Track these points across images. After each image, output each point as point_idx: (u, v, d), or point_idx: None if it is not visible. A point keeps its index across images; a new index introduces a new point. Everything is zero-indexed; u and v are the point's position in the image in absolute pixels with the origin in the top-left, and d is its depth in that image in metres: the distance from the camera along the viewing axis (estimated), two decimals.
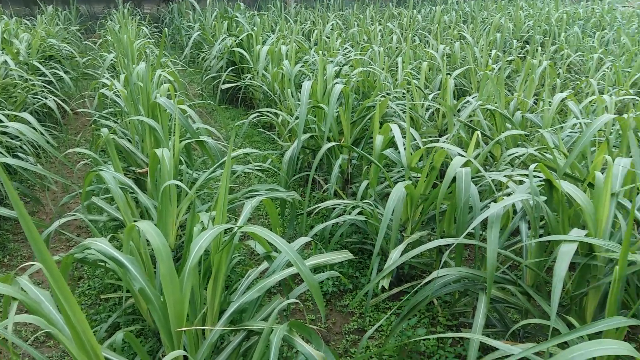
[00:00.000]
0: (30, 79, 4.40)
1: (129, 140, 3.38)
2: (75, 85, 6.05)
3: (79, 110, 5.41)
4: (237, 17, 7.61)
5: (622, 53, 6.25)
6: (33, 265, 1.55)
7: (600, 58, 5.57)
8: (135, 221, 2.34)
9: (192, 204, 1.90)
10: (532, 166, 1.83)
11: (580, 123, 3.03)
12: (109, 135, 2.74)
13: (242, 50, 5.99)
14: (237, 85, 5.81)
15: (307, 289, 1.83)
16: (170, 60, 5.60)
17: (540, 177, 2.02)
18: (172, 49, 9.98)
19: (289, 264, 1.77)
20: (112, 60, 5.37)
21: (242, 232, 1.78)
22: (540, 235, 2.01)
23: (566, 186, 1.79)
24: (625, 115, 2.67)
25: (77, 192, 2.73)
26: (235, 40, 6.26)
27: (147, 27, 8.72)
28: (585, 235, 1.65)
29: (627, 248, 1.39)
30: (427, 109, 4.13)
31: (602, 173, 1.81)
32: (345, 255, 1.86)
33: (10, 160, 2.80)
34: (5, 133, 3.45)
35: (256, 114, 4.30)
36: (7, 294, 1.29)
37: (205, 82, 6.61)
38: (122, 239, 1.90)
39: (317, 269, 2.43)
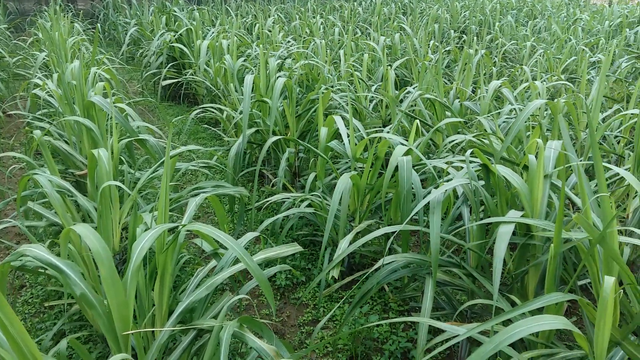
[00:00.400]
0: None
1: (66, 142, 3.24)
2: (6, 86, 5.73)
3: (11, 112, 5.12)
4: (175, 11, 7.42)
5: (553, 40, 6.56)
6: None
7: (532, 46, 5.83)
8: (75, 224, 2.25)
9: (134, 204, 1.85)
10: (469, 152, 1.90)
11: (514, 109, 3.16)
12: (42, 137, 2.61)
13: (181, 46, 5.85)
14: (179, 81, 5.68)
15: (258, 284, 1.83)
16: (107, 58, 5.39)
17: (478, 162, 2.10)
18: (109, 46, 9.61)
19: (237, 260, 1.76)
20: (44, 59, 5.12)
21: (188, 231, 1.75)
22: (481, 219, 2.09)
23: (502, 170, 1.86)
24: (555, 100, 2.81)
25: (11, 198, 2.59)
26: (174, 36, 6.11)
27: (80, 24, 8.36)
28: (521, 216, 1.73)
29: (561, 227, 1.47)
30: (370, 100, 4.19)
31: (536, 156, 1.90)
32: (294, 248, 1.87)
33: None
34: None
35: (199, 110, 4.22)
36: None
37: (145, 79, 6.42)
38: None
39: (267, 263, 2.43)
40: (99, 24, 6.56)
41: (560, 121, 2.27)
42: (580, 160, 2.69)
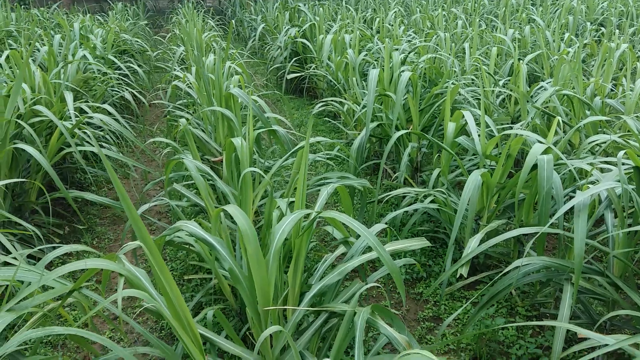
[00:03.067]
0: (107, 73, 4.65)
1: (203, 130, 3.51)
2: (148, 78, 6.33)
3: (153, 102, 5.66)
4: (299, 7, 7.67)
5: None
6: (127, 245, 1.65)
7: None
8: (215, 207, 2.44)
9: (270, 190, 1.96)
10: (621, 153, 1.75)
11: None
12: (187, 125, 2.86)
13: (305, 41, 6.04)
14: (301, 76, 5.87)
15: (382, 275, 1.85)
16: (237, 52, 5.74)
17: (628, 165, 1.93)
18: (236, 41, 10.21)
19: (366, 250, 1.80)
20: (182, 53, 5.58)
21: (319, 218, 1.82)
22: (629, 225, 1.92)
23: None
24: None
25: (158, 179, 2.87)
26: (298, 31, 6.32)
27: (211, 20, 8.97)
28: None
29: None
30: (497, 96, 4.01)
31: None
32: (422, 242, 1.86)
33: (95, 149, 2.99)
34: (89, 123, 3.68)
35: (322, 104, 4.34)
36: (115, 270, 1.39)
37: (270, 72, 6.73)
38: (205, 224, 1.99)
39: (393, 256, 2.44)
40: (233, 20, 6.99)
41: None
42: None
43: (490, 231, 2.26)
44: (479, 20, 7.28)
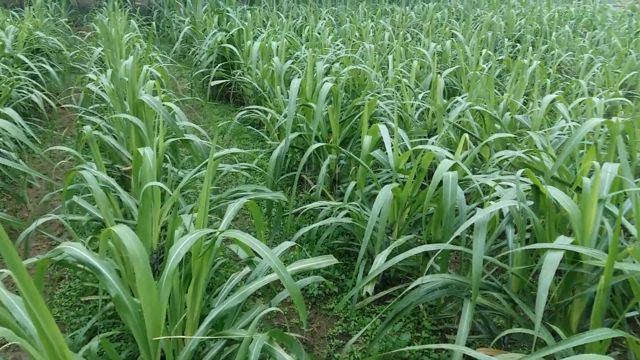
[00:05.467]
0: (15, 73, 4.31)
1: (115, 137, 3.32)
2: (62, 79, 5.96)
3: (65, 105, 5.32)
4: (228, 11, 7.53)
5: (612, 53, 6.26)
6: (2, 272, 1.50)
7: (590, 58, 5.58)
8: (117, 222, 2.29)
9: (174, 206, 1.86)
10: (519, 172, 1.81)
11: (568, 126, 3.01)
12: (91, 133, 2.68)
13: (232, 46, 5.92)
14: (227, 82, 5.75)
15: (289, 295, 1.80)
16: (160, 55, 5.53)
17: (528, 182, 2.00)
18: (163, 42, 9.87)
19: (272, 270, 1.74)
20: (99, 54, 5.29)
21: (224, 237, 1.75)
22: (527, 240, 1.99)
23: (553, 192, 1.77)
24: (614, 119, 2.66)
25: (57, 191, 2.68)
26: (225, 36, 6.20)
27: (137, 20, 8.62)
28: (571, 243, 1.63)
29: (614, 258, 1.37)
30: (417, 109, 4.10)
31: (590, 177, 1.79)
32: (329, 260, 1.83)
33: None
34: None
35: (244, 112, 4.25)
36: None
37: (194, 77, 6.54)
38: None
39: (301, 273, 2.40)
40: (154, 22, 6.74)
41: (619, 142, 2.14)
42: (637, 183, 2.53)
43: (401, 245, 2.28)
44: (405, 33, 7.47)
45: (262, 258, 1.80)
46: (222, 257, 2.35)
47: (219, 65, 5.92)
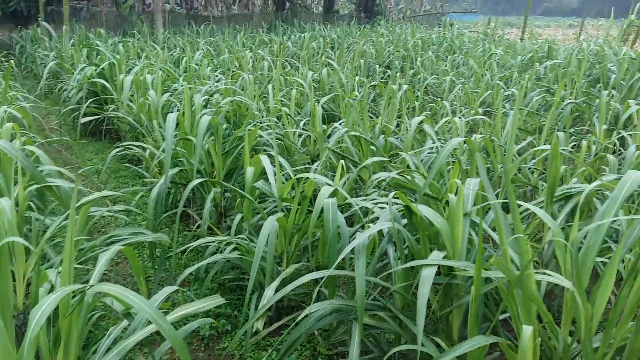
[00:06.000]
0: None
1: None
2: None
3: None
4: (97, 45, 7.17)
5: (470, 75, 6.92)
6: None
7: (452, 80, 6.11)
8: None
9: (37, 262, 1.69)
10: (391, 194, 1.90)
11: (435, 145, 3.25)
12: None
13: (103, 81, 5.63)
14: (99, 118, 5.43)
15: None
16: (21, 94, 5.08)
17: (401, 203, 2.11)
18: (27, 79, 9.11)
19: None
20: None
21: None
22: (406, 256, 2.09)
23: (423, 210, 1.88)
24: (474, 136, 2.92)
25: None
26: (95, 70, 5.87)
27: None
28: (444, 257, 1.74)
29: (480, 271, 1.48)
30: (299, 136, 4.18)
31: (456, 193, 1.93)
32: (216, 301, 1.77)
33: None
34: None
35: (119, 149, 4.04)
36: None
37: (63, 114, 6.10)
38: None
39: (187, 318, 2.29)
40: (12, 60, 6.21)
41: (477, 159, 2.34)
42: (498, 194, 2.79)
43: (292, 273, 2.28)
44: (284, 62, 7.64)
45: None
46: (99, 311, 2.17)
47: (90, 100, 5.58)
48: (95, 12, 15.21)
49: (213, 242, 2.60)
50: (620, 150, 3.99)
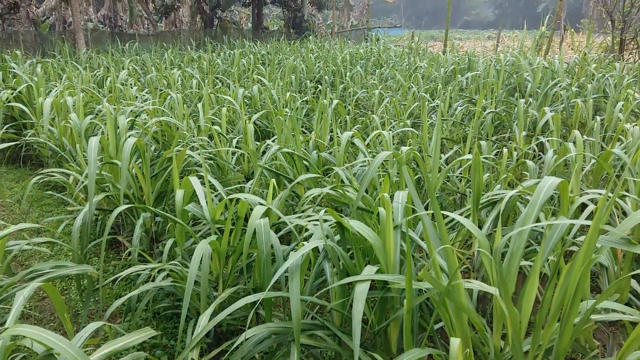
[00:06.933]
0: None
1: None
2: None
3: None
4: (13, 67, 6.77)
5: (398, 88, 7.14)
6: None
7: (380, 94, 6.27)
8: None
9: None
10: (322, 212, 1.91)
11: (366, 159, 3.31)
12: None
13: (20, 105, 5.31)
14: (18, 144, 5.11)
15: None
16: None
17: (332, 220, 2.12)
18: None
19: None
20: None
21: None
22: (342, 272, 2.10)
23: (355, 225, 1.90)
24: (402, 149, 2.99)
25: None
26: (12, 94, 5.54)
27: None
28: (377, 271, 1.76)
29: (410, 282, 1.51)
30: (233, 154, 4.13)
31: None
32: (146, 334, 1.70)
33: None
34: None
35: (40, 176, 3.81)
36: None
37: None
38: None
39: (117, 354, 2.18)
40: None
41: (404, 171, 2.40)
42: (428, 205, 2.87)
43: (230, 297, 2.22)
44: (214, 80, 7.55)
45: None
46: (22, 352, 2.02)
47: (8, 126, 5.25)
48: (12, 32, 14.41)
49: (144, 270, 2.49)
50: (540, 154, 4.25)
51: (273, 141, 3.91)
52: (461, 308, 1.49)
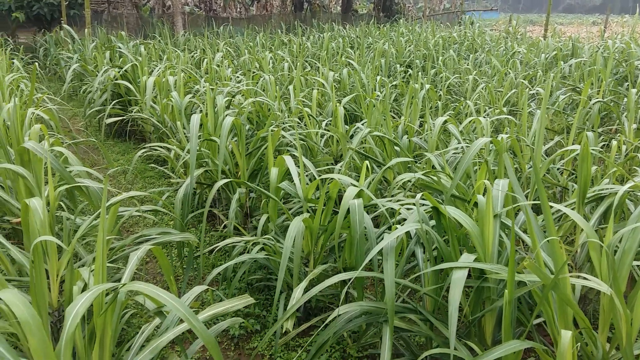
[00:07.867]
0: None
1: (2, 187, 3.04)
2: None
3: None
4: (119, 47, 7.26)
5: (493, 74, 6.84)
6: None
7: (475, 79, 6.04)
8: (9, 280, 2.08)
9: (69, 261, 1.72)
10: (419, 195, 1.89)
11: (461, 146, 3.21)
12: None
13: (126, 83, 5.70)
14: (124, 119, 5.51)
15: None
16: (47, 96, 5.18)
17: (428, 204, 2.09)
18: (52, 81, 9.28)
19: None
20: None
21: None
22: (435, 258, 2.07)
23: (452, 211, 1.86)
24: (500, 136, 2.88)
25: None
26: (118, 72, 5.96)
27: (21, 59, 8.04)
28: (474, 260, 1.72)
29: (513, 274, 1.46)
30: (322, 136, 4.18)
31: (484, 194, 1.91)
32: (245, 301, 1.78)
33: None
34: None
35: (145, 150, 4.09)
36: None
37: (89, 116, 6.20)
38: None
39: (217, 318, 2.31)
40: (37, 62, 6.33)
41: (505, 159, 2.31)
42: (527, 195, 2.75)
43: (320, 274, 2.28)
44: (304, 63, 7.65)
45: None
46: (132, 309, 2.20)
47: (115, 102, 5.67)
48: (116, 14, 15.40)
49: (240, 242, 2.61)
50: None
51: (362, 125, 3.91)
52: (567, 303, 1.42)
